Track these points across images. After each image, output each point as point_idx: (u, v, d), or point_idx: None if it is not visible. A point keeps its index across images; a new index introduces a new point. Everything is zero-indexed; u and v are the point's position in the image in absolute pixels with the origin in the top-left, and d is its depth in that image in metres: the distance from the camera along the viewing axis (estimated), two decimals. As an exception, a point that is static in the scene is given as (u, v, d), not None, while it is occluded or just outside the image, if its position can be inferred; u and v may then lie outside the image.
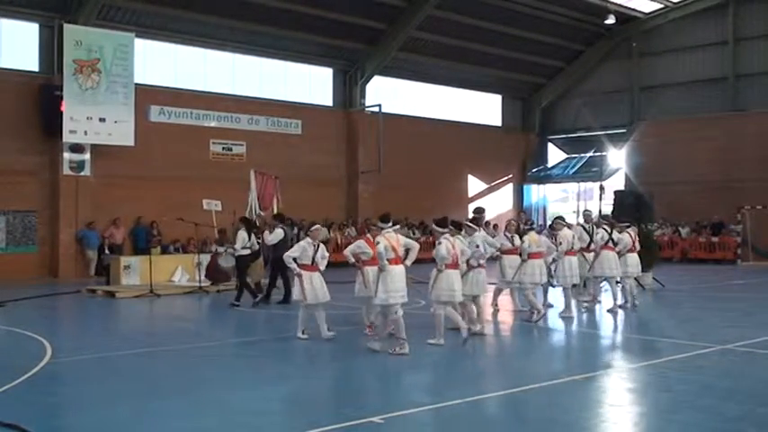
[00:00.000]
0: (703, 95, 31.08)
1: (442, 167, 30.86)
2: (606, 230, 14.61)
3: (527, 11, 29.72)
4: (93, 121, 21.77)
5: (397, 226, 11.14)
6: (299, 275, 11.04)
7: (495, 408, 7.49)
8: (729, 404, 7.33)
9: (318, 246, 11.33)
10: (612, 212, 21.44)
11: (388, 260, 10.01)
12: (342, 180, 28.83)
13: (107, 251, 21.80)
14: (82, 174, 22.26)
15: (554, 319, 13.54)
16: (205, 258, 18.47)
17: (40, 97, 21.71)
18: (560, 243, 13.50)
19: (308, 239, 11.32)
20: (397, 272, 10.11)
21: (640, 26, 32.72)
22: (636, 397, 7.90)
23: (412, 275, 11.80)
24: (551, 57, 33.80)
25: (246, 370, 9.55)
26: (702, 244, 27.50)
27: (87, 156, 22.29)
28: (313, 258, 11.17)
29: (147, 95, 23.58)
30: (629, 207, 19.99)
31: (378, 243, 10.13)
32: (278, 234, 14.98)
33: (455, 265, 10.64)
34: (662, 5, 31.79)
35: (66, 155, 21.95)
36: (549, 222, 22.80)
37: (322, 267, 11.28)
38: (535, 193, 35.71)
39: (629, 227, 15.50)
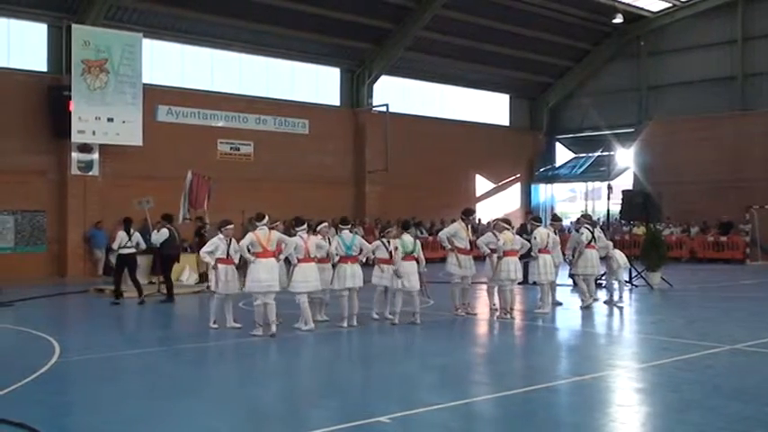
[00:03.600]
0: (712, 94, 30.96)
1: (449, 167, 30.84)
2: (589, 230, 14.74)
3: (535, 10, 29.68)
4: (102, 121, 21.84)
5: (349, 225, 12.56)
6: (215, 268, 11.92)
7: (502, 408, 7.47)
8: (737, 404, 7.30)
9: (231, 241, 12.19)
10: (621, 212, 21.45)
11: (255, 254, 11.21)
12: (349, 180, 28.83)
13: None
14: (90, 174, 22.35)
15: (560, 319, 13.54)
16: None
17: (49, 97, 21.79)
18: (535, 238, 13.87)
19: (221, 235, 12.17)
20: (263, 264, 11.17)
21: (648, 25, 32.63)
22: (644, 397, 7.87)
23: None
24: (559, 56, 33.75)
25: (255, 368, 9.56)
26: (711, 244, 27.40)
27: (95, 156, 22.38)
28: (227, 252, 12.07)
29: (155, 95, 23.65)
30: (637, 207, 19.91)
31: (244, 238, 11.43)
32: (163, 234, 15.68)
33: (308, 260, 11.65)
34: (670, 4, 31.69)
35: (75, 155, 22.03)
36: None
37: (236, 260, 12.26)
38: (543, 192, 35.67)
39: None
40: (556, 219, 15.97)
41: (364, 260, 12.55)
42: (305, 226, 11.97)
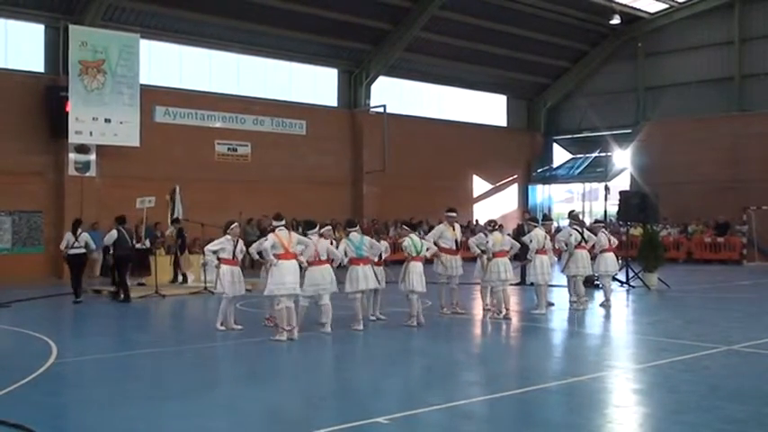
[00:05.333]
0: (709, 96, 31.01)
1: (447, 168, 30.86)
2: (578, 230, 14.72)
3: (532, 11, 29.71)
4: (99, 121, 21.84)
5: (357, 227, 12.35)
6: (218, 267, 11.80)
7: (500, 409, 7.47)
8: (735, 405, 7.31)
9: (237, 241, 12.14)
10: (618, 213, 21.47)
11: (277, 255, 10.80)
12: (346, 180, 28.84)
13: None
14: (87, 174, 22.34)
15: (556, 320, 13.55)
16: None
17: (46, 98, 21.78)
18: (531, 241, 13.81)
19: (228, 236, 12.01)
20: (286, 266, 10.84)
21: (646, 26, 32.68)
22: (641, 398, 7.88)
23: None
24: (556, 57, 33.78)
25: (252, 370, 9.55)
26: (708, 244, 27.42)
27: (93, 156, 22.37)
28: (233, 253, 11.97)
29: (153, 96, 23.64)
30: (634, 207, 19.93)
31: (266, 239, 11.08)
32: (112, 235, 16.11)
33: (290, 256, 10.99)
34: (667, 5, 31.74)
35: (72, 155, 22.02)
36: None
37: (239, 261, 12.19)
38: (540, 193, 35.69)
39: (603, 227, 15.92)
40: (546, 219, 15.92)
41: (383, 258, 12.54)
42: (282, 222, 11.44)
